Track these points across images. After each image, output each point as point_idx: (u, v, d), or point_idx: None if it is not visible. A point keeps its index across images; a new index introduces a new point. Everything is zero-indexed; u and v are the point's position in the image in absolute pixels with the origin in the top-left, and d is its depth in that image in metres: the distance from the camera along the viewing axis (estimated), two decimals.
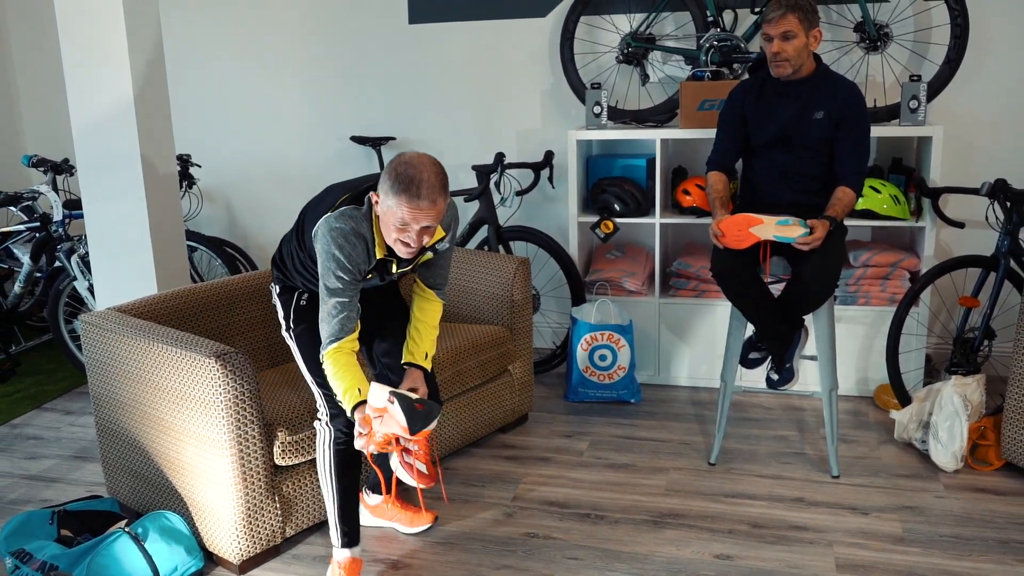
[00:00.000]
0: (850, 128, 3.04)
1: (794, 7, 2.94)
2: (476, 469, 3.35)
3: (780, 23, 2.95)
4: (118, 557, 2.51)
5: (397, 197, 2.27)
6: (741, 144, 3.23)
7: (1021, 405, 3.07)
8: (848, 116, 3.03)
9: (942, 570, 2.61)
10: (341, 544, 2.60)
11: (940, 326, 4.21)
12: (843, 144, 3.06)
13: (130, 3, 3.36)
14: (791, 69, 3.03)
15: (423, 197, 2.26)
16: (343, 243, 2.36)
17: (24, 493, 3.26)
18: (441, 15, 4.54)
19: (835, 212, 3.00)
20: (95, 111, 3.47)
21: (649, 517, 2.97)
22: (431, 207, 2.28)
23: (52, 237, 4.24)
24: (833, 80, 3.08)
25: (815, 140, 3.08)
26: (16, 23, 5.29)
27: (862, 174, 3.07)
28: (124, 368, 2.79)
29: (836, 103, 3.04)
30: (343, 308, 2.40)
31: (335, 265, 2.36)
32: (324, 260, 2.38)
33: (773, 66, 3.05)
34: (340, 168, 4.87)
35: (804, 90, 3.07)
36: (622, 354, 3.90)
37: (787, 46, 2.97)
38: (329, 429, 2.55)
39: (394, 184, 2.27)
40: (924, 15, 3.98)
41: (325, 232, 2.37)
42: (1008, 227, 3.45)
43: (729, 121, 3.22)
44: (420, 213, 2.28)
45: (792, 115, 3.08)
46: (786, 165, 3.14)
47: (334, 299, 2.39)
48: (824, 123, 3.05)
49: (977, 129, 4.05)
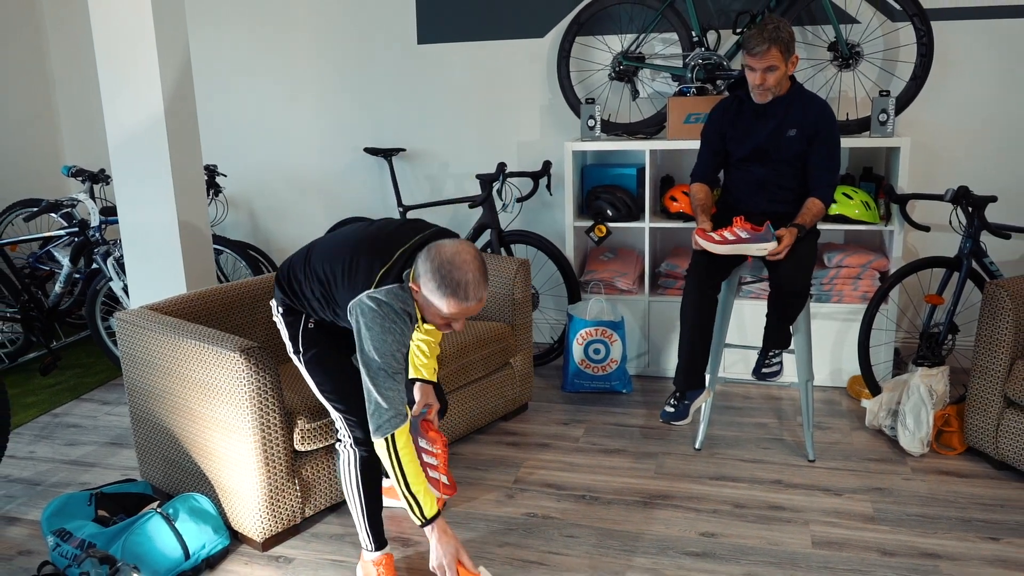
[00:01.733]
0: (821, 143, 3.01)
1: (776, 40, 2.88)
2: (480, 454, 3.35)
3: (765, 58, 2.90)
4: (151, 535, 2.51)
5: (446, 299, 2.13)
6: (721, 158, 3.22)
7: (982, 394, 3.06)
8: (819, 132, 3.00)
9: (909, 546, 2.61)
10: (374, 548, 2.48)
11: (908, 322, 4.21)
12: (814, 158, 3.03)
13: (161, 25, 3.36)
14: (772, 96, 3.01)
15: (471, 298, 2.14)
16: (393, 324, 2.16)
17: (64, 477, 3.26)
18: (447, 36, 4.54)
19: (804, 220, 2.98)
20: (129, 125, 3.47)
21: (640, 498, 2.96)
22: (478, 304, 2.17)
23: (90, 241, 4.24)
24: (806, 98, 3.05)
25: (789, 155, 3.06)
26: (56, 44, 5.29)
27: (832, 186, 3.05)
28: (156, 361, 2.79)
29: (808, 120, 3.01)
30: (399, 382, 2.20)
31: (392, 341, 2.16)
32: (376, 338, 2.15)
33: (755, 94, 3.02)
34: (354, 177, 4.87)
35: (779, 109, 3.04)
36: (614, 348, 3.90)
37: (770, 77, 2.94)
38: (354, 451, 2.41)
39: (441, 286, 2.12)
40: (892, 35, 3.97)
41: (374, 309, 2.15)
42: (970, 230, 3.45)
43: (710, 137, 3.21)
44: (469, 310, 2.17)
45: (768, 132, 3.05)
46: (762, 177, 3.12)
47: (392, 377, 2.18)
48: (797, 139, 3.03)
49: (941, 140, 4.05)
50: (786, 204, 3.12)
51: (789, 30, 2.94)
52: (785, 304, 3.05)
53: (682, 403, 3.21)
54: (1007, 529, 2.69)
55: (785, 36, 2.91)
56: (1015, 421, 2.96)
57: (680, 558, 2.59)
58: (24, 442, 3.59)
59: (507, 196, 4.36)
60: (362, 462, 2.42)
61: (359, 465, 2.42)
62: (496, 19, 4.44)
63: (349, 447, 2.43)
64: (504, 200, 4.31)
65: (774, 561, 2.55)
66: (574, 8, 4.29)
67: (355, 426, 2.40)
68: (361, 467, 2.42)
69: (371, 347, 2.16)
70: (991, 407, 3.03)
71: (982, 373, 3.06)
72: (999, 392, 3.01)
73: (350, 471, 2.44)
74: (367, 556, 2.51)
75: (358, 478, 2.43)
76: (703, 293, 3.10)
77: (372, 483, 2.45)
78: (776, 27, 2.89)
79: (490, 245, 4.22)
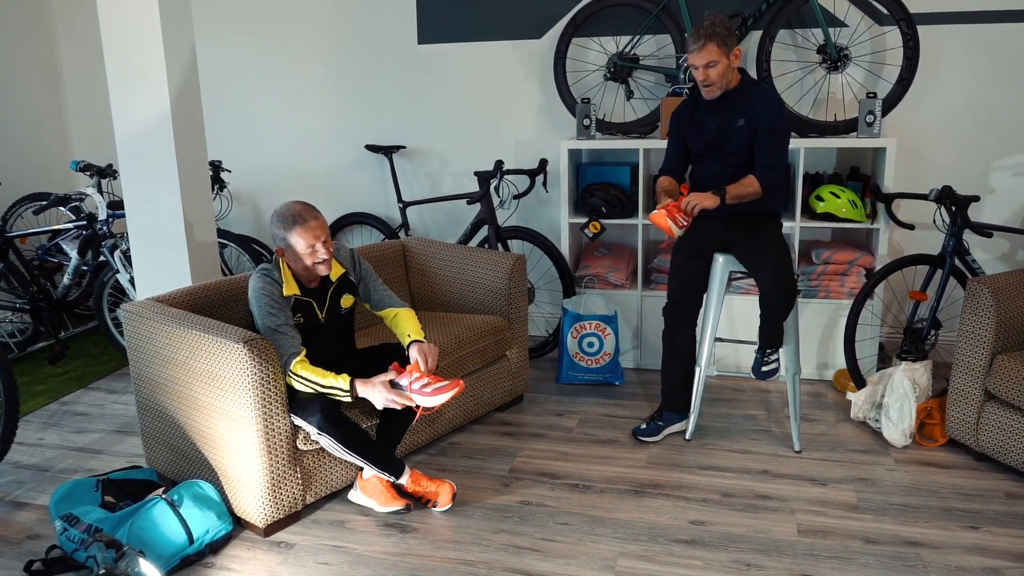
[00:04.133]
0: (763, 130, 2.95)
1: (711, 35, 2.86)
2: (476, 444, 3.35)
3: (702, 54, 2.88)
4: (156, 521, 2.51)
5: (294, 232, 2.61)
6: (684, 156, 3.20)
7: (964, 388, 3.07)
8: (762, 120, 2.95)
9: (892, 534, 2.62)
10: (397, 476, 2.79)
11: (892, 317, 4.21)
12: (758, 144, 2.98)
13: (168, 24, 3.34)
14: (719, 91, 2.97)
15: (308, 218, 2.62)
16: (259, 286, 2.65)
17: (72, 463, 3.26)
18: (447, 37, 4.53)
19: (730, 188, 2.93)
20: (136, 121, 3.45)
21: (631, 487, 2.97)
22: (319, 222, 2.64)
23: (97, 234, 4.23)
24: (752, 89, 3.00)
25: (740, 146, 3.01)
26: (66, 43, 5.27)
27: (772, 169, 2.96)
28: (161, 352, 2.79)
29: (753, 110, 2.96)
30: (285, 332, 2.62)
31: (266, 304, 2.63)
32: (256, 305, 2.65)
33: (703, 91, 3.00)
34: (355, 173, 4.86)
35: (730, 102, 3.01)
36: (608, 341, 3.90)
37: (711, 72, 2.91)
38: (326, 436, 2.63)
39: (283, 227, 2.62)
40: (879, 39, 3.97)
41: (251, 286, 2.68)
42: (953, 229, 3.45)
43: (672, 137, 3.21)
44: (315, 228, 2.62)
45: (718, 126, 3.03)
46: (717, 170, 3.08)
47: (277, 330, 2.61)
48: (744, 130, 2.98)
49: (926, 141, 4.05)
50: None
51: (725, 24, 2.91)
52: (772, 304, 3.06)
53: (655, 423, 3.32)
54: (986, 518, 2.70)
55: (720, 31, 2.87)
56: (995, 414, 2.96)
57: (670, 545, 2.59)
58: (33, 429, 3.58)
59: (504, 193, 4.35)
60: (345, 440, 2.65)
61: (342, 441, 2.64)
62: (494, 20, 4.43)
63: (322, 436, 2.63)
64: (501, 197, 4.30)
65: (761, 548, 2.56)
66: (571, 10, 4.28)
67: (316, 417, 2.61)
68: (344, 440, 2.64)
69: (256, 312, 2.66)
70: (972, 401, 3.04)
71: (964, 367, 3.06)
72: (980, 386, 3.01)
73: (339, 449, 2.66)
74: (400, 481, 2.81)
75: (344, 448, 2.66)
76: (675, 331, 3.26)
77: (350, 436, 2.66)
78: (711, 23, 2.88)
79: (487, 240, 4.22)
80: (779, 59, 4.04)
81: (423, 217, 4.84)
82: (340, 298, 2.84)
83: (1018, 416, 2.88)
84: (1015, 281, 3.03)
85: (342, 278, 2.84)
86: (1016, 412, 2.90)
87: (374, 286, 2.94)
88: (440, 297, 3.74)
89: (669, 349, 3.30)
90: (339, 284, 2.83)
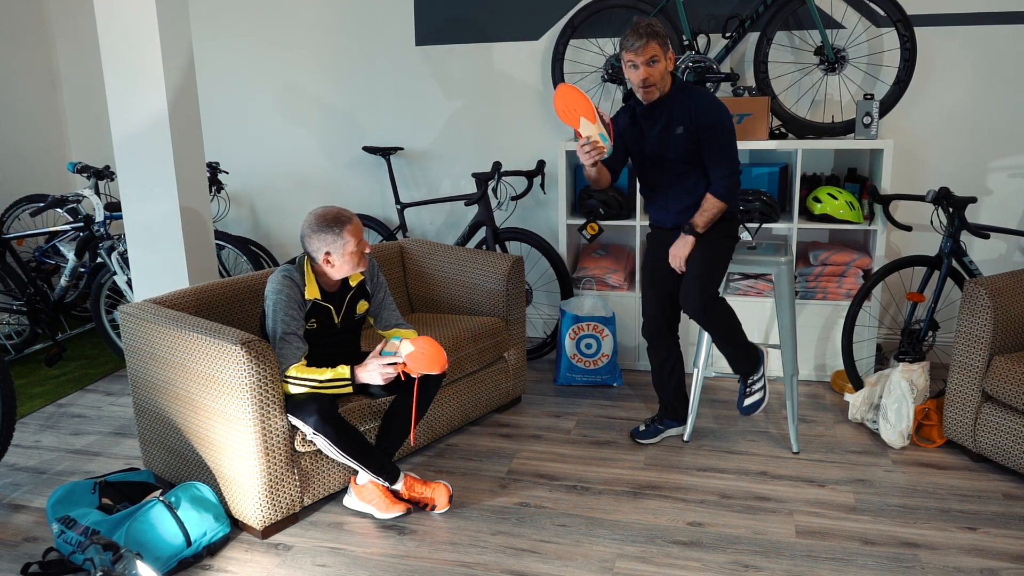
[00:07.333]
0: (707, 136, 2.87)
1: (652, 35, 2.80)
2: (474, 445, 3.34)
3: (645, 50, 2.79)
4: (154, 523, 2.51)
5: (339, 236, 2.60)
6: (623, 161, 3.10)
7: (961, 389, 3.07)
8: (703, 125, 2.85)
9: (890, 535, 2.62)
10: (392, 481, 2.78)
11: (890, 318, 4.22)
12: (705, 153, 2.91)
13: (165, 25, 3.34)
14: (658, 93, 2.89)
15: (349, 220, 2.63)
16: (280, 287, 2.63)
17: (69, 465, 3.25)
18: (445, 38, 4.53)
19: (695, 221, 2.91)
20: (133, 122, 3.45)
21: (629, 488, 2.97)
22: (357, 222, 2.66)
23: (94, 236, 4.22)
24: (688, 93, 2.90)
25: (681, 154, 2.93)
26: (63, 44, 5.26)
27: (727, 177, 2.88)
28: (159, 354, 2.78)
29: (691, 116, 2.88)
30: (290, 341, 2.63)
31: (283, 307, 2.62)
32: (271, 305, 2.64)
33: (642, 93, 2.89)
34: (353, 175, 4.86)
35: (665, 109, 2.92)
36: (605, 343, 3.90)
37: (653, 71, 2.82)
38: (322, 437, 2.61)
39: (328, 233, 2.60)
40: (877, 40, 3.97)
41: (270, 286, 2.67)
42: (950, 230, 3.46)
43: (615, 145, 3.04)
44: (357, 228, 2.64)
45: (656, 134, 2.94)
46: (660, 180, 3.03)
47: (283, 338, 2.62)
48: (684, 137, 2.90)
49: (924, 143, 4.05)
50: (691, 211, 2.98)
51: (662, 27, 2.88)
52: (701, 326, 3.03)
53: (654, 425, 3.34)
54: (984, 519, 2.70)
55: (660, 30, 2.83)
56: (992, 415, 2.97)
57: (668, 547, 2.59)
58: (30, 431, 3.57)
59: (502, 194, 4.35)
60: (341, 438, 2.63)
61: (337, 442, 2.63)
62: (492, 22, 4.43)
63: (318, 436, 2.62)
64: (499, 198, 4.31)
65: (759, 550, 2.56)
66: (568, 12, 4.28)
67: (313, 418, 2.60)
68: (338, 441, 2.63)
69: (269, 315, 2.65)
70: (970, 402, 3.04)
71: (961, 369, 3.07)
72: (977, 387, 3.02)
73: (333, 451, 2.65)
74: (395, 487, 2.80)
75: (340, 450, 2.64)
76: (657, 346, 3.24)
77: (349, 437, 2.65)
78: (649, 24, 2.83)
79: (485, 242, 4.22)
80: (776, 60, 4.05)
81: (421, 218, 4.84)
82: (356, 304, 2.86)
83: (1015, 417, 2.89)
84: (1012, 282, 3.03)
85: (361, 284, 2.86)
86: (1013, 413, 2.90)
87: (385, 303, 2.94)
88: (438, 298, 3.74)
89: (656, 366, 3.28)
90: (357, 290, 2.84)
